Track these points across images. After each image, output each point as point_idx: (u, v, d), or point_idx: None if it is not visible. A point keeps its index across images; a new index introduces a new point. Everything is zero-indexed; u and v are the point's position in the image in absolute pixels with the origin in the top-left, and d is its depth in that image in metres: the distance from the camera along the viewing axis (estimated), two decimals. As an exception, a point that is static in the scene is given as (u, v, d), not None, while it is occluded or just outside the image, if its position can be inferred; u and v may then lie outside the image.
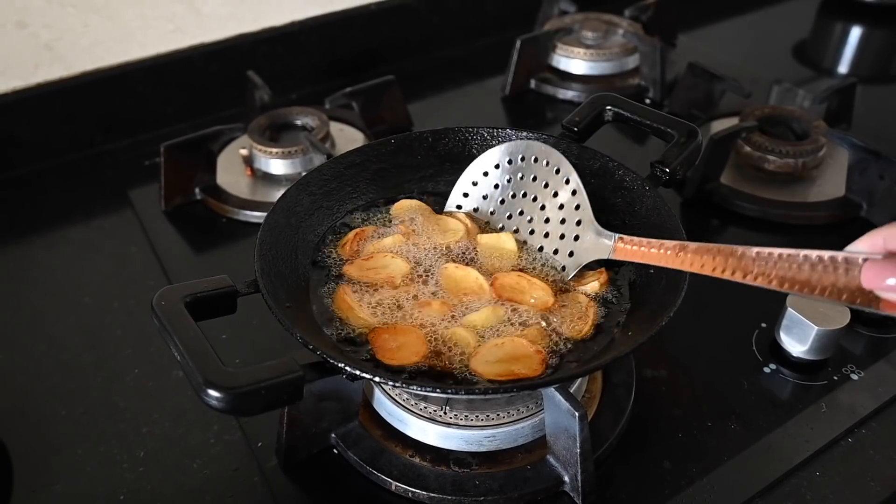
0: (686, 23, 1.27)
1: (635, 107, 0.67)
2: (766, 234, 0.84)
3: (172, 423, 0.64)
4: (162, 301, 0.47)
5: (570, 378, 0.55)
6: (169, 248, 0.84)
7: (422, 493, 0.56)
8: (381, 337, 0.54)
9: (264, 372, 0.42)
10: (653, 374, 0.67)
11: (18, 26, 0.91)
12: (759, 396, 0.65)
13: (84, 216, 0.90)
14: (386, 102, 1.01)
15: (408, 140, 0.68)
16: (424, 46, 1.22)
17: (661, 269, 0.53)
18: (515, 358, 0.52)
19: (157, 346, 0.71)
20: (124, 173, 0.96)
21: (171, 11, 1.01)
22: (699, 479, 0.58)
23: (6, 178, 0.95)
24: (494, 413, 0.58)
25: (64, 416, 0.65)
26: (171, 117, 1.05)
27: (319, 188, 0.64)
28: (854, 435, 0.62)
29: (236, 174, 0.93)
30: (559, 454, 0.56)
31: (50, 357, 0.71)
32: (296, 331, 0.47)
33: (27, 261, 0.84)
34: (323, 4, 1.12)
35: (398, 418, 0.59)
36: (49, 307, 0.77)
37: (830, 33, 1.32)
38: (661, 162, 0.61)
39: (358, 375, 0.46)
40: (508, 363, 0.52)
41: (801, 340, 0.66)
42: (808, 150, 0.86)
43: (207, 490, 0.58)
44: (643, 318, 0.54)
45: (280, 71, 1.10)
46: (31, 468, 0.60)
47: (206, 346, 0.44)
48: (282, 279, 0.55)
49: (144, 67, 1.01)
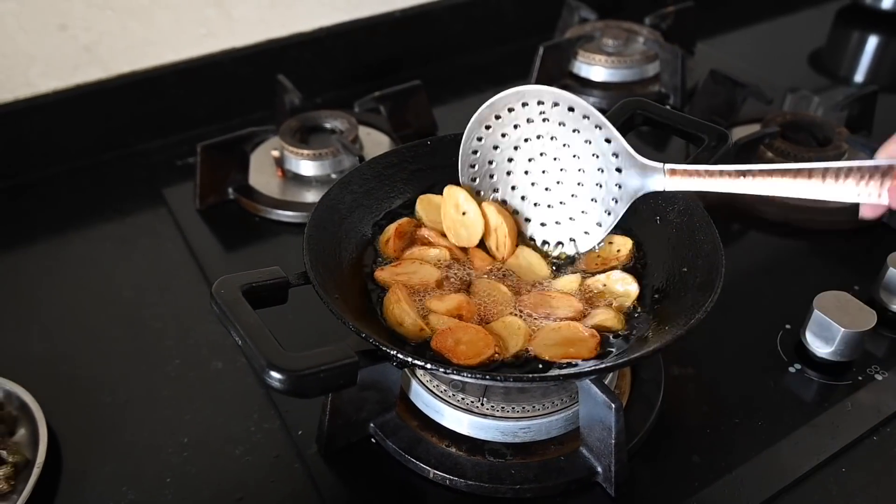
0: (704, 31, 1.29)
1: (665, 111, 0.69)
2: (788, 239, 0.86)
3: (213, 411, 0.66)
4: (221, 290, 0.49)
5: (622, 365, 0.57)
6: (203, 245, 0.86)
7: (459, 481, 0.57)
8: (444, 342, 0.55)
9: (322, 356, 0.44)
10: (680, 372, 0.69)
11: (60, 28, 0.94)
12: (785, 395, 0.67)
13: (120, 214, 0.92)
14: (412, 107, 1.04)
15: (443, 142, 0.70)
16: (447, 53, 1.24)
17: (696, 267, 0.55)
18: (571, 341, 0.55)
19: (195, 338, 0.73)
20: (157, 173, 0.99)
21: (203, 16, 1.04)
22: (727, 473, 0.60)
23: (44, 175, 0.98)
24: (530, 405, 0.59)
25: (108, 404, 0.67)
26: (201, 119, 1.07)
27: (360, 187, 0.66)
28: (879, 433, 0.63)
29: (267, 175, 0.95)
30: (593, 446, 0.58)
31: (93, 348, 0.73)
32: (347, 319, 0.49)
33: (67, 256, 0.86)
34: (349, 11, 1.14)
35: (435, 409, 0.61)
36: (90, 300, 0.79)
37: (846, 42, 1.34)
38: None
39: (409, 362, 0.47)
40: (565, 346, 0.54)
41: (826, 342, 0.67)
42: (830, 157, 0.88)
43: (250, 475, 0.60)
44: (678, 315, 0.56)
45: (307, 75, 1.12)
46: (79, 452, 0.63)
47: (266, 331, 0.46)
48: (329, 272, 0.57)
49: (177, 70, 1.03)
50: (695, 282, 0.57)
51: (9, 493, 0.58)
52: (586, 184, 0.63)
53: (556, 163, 0.63)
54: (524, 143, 0.63)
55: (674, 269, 0.61)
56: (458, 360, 0.53)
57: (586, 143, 0.61)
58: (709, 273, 0.56)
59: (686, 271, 0.59)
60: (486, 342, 0.54)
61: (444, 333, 0.55)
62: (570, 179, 0.63)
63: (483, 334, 0.55)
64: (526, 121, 0.62)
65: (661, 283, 0.61)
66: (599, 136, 0.60)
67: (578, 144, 0.62)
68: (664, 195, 0.66)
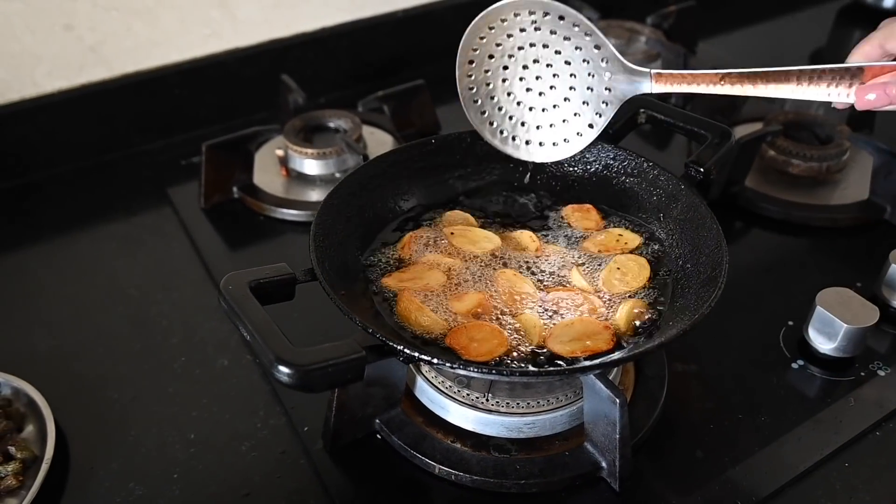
0: (705, 30, 1.30)
1: (668, 109, 0.69)
2: (791, 236, 0.86)
3: (220, 408, 0.66)
4: (229, 286, 0.49)
5: (626, 360, 0.58)
6: (208, 243, 0.87)
7: (464, 477, 0.58)
8: (459, 339, 0.55)
9: (330, 351, 0.45)
10: (684, 369, 0.69)
11: (66, 29, 0.95)
12: (788, 391, 0.67)
13: (125, 213, 0.93)
14: (416, 106, 1.04)
15: (448, 140, 0.71)
16: (449, 52, 1.24)
17: (699, 263, 0.56)
18: (587, 335, 0.55)
19: (201, 335, 0.74)
20: (162, 172, 0.99)
21: (208, 17, 1.04)
22: (731, 468, 0.60)
23: (50, 175, 0.98)
24: (535, 401, 0.60)
25: (116, 401, 0.67)
26: (206, 119, 1.08)
27: (365, 185, 0.67)
28: (882, 428, 0.64)
29: (272, 174, 0.96)
30: (597, 441, 0.58)
31: (100, 345, 0.73)
32: (354, 315, 0.50)
33: (73, 255, 0.86)
34: (352, 11, 1.15)
35: (440, 405, 0.62)
36: (97, 299, 0.79)
37: (848, 41, 1.34)
38: (695, 162, 0.64)
39: (415, 357, 0.48)
40: (582, 340, 0.55)
41: (829, 338, 0.67)
42: (833, 154, 0.88)
43: (256, 471, 0.61)
44: (682, 311, 0.56)
45: (310, 75, 1.13)
46: (86, 448, 0.63)
47: (274, 326, 0.46)
48: (335, 269, 0.57)
49: (182, 70, 1.04)
50: (698, 278, 0.57)
51: (17, 489, 0.59)
52: (578, 87, 0.65)
53: (549, 69, 0.65)
54: (518, 51, 0.65)
55: (677, 266, 0.62)
56: (472, 357, 0.53)
57: (577, 49, 0.63)
58: (712, 269, 0.56)
59: (689, 267, 0.60)
60: (499, 339, 0.55)
61: (459, 331, 0.56)
62: (562, 84, 0.65)
63: (497, 332, 0.55)
64: (519, 30, 0.64)
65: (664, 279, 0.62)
66: (589, 43, 0.62)
67: (569, 50, 0.64)
68: (668, 192, 0.66)
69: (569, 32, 0.62)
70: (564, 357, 0.54)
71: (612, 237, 0.66)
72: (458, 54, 0.66)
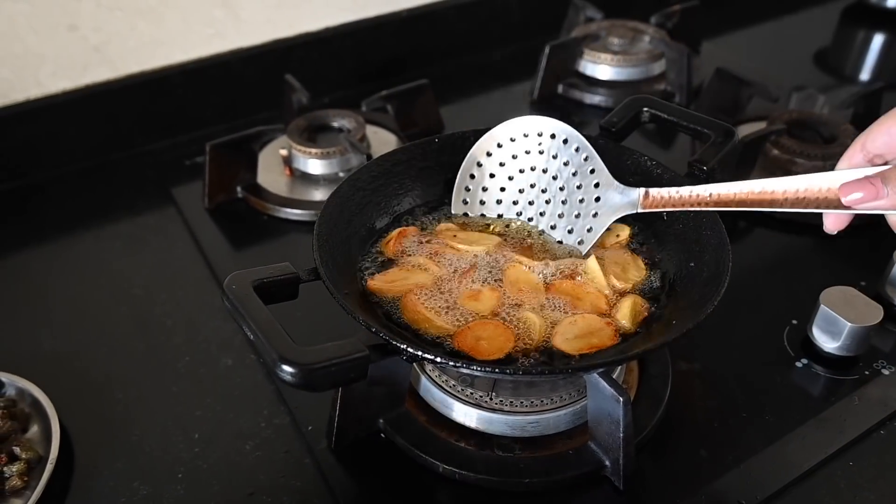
0: (709, 30, 1.29)
1: (672, 108, 0.69)
2: (794, 235, 0.86)
3: (224, 407, 0.66)
4: (233, 285, 0.49)
5: (629, 358, 0.58)
6: (212, 243, 0.87)
7: (469, 475, 0.58)
8: (465, 339, 0.55)
9: (334, 350, 0.45)
10: (688, 367, 0.69)
11: (70, 29, 0.95)
12: (792, 390, 0.67)
13: (129, 213, 0.93)
14: (419, 106, 1.04)
15: (451, 139, 0.71)
16: (454, 52, 1.25)
17: (703, 262, 0.56)
18: (591, 332, 0.55)
19: (205, 335, 0.74)
20: (166, 172, 0.99)
21: (211, 17, 1.05)
22: (735, 467, 0.60)
23: (54, 175, 0.99)
24: (539, 399, 0.60)
25: (120, 401, 0.67)
26: (210, 119, 1.08)
27: (368, 184, 0.67)
28: (886, 427, 0.64)
29: (275, 174, 0.96)
30: (601, 439, 0.58)
31: (103, 346, 0.74)
32: (358, 314, 0.50)
33: (77, 255, 0.87)
34: (355, 11, 1.15)
35: (444, 404, 0.62)
36: (101, 299, 0.79)
37: (852, 40, 1.34)
38: (699, 161, 0.63)
39: (419, 356, 0.48)
40: (587, 337, 0.55)
41: (833, 337, 0.67)
42: (837, 154, 0.88)
43: (260, 470, 0.61)
44: (686, 309, 0.56)
45: (313, 75, 1.13)
46: (91, 448, 0.63)
47: (277, 325, 0.46)
48: (339, 269, 0.58)
49: (186, 70, 1.04)
50: (702, 276, 0.57)
51: (22, 489, 0.59)
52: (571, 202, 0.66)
53: (544, 194, 0.67)
54: (519, 173, 0.67)
55: (681, 265, 0.62)
56: (481, 356, 0.53)
57: (573, 175, 0.65)
58: (716, 267, 0.56)
59: (693, 266, 0.59)
60: (506, 336, 0.55)
61: (465, 332, 0.55)
62: (556, 202, 0.66)
63: (502, 329, 0.55)
64: (524, 152, 0.66)
65: (668, 278, 0.62)
66: (586, 167, 0.64)
67: (566, 175, 0.65)
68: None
69: (569, 157, 0.65)
70: (569, 354, 0.54)
71: (612, 235, 0.66)
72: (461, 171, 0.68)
